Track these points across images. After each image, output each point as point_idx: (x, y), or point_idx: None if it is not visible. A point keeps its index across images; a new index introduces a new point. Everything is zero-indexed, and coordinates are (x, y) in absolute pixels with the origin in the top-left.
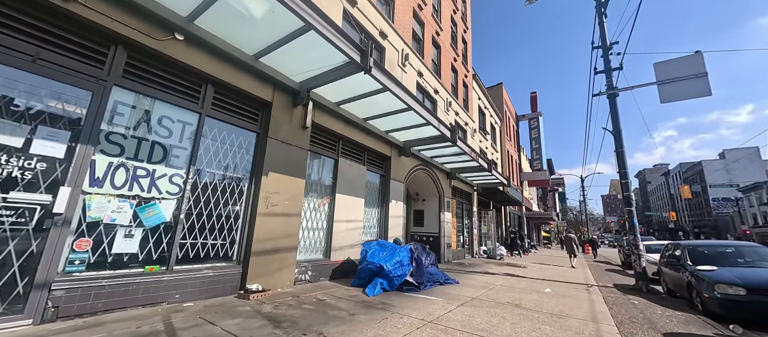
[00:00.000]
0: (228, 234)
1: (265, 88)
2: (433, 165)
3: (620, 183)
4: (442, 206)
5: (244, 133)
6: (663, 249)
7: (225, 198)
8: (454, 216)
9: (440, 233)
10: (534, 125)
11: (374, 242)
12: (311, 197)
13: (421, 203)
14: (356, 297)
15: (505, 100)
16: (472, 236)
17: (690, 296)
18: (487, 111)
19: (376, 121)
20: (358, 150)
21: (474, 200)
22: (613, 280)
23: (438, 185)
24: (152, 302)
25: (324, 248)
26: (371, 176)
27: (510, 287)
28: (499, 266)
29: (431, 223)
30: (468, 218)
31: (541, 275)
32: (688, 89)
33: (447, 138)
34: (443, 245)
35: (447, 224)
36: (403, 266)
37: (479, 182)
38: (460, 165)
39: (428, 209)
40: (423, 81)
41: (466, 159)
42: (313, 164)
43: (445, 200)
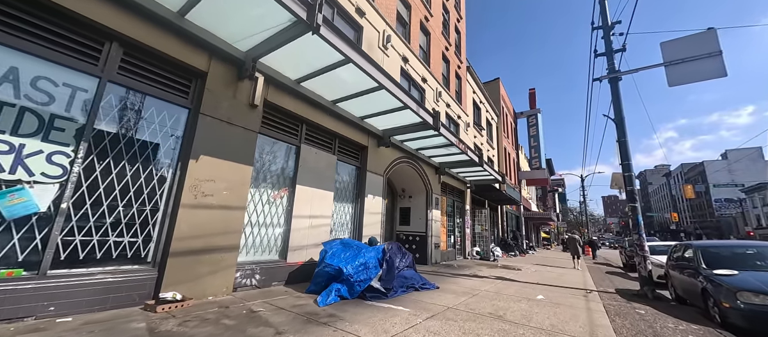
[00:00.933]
0: (141, 230)
1: (198, 55)
2: (418, 158)
3: (623, 176)
4: (430, 203)
5: (170, 108)
6: (670, 250)
7: (137, 185)
8: (444, 214)
9: (427, 233)
10: (532, 122)
11: (337, 241)
12: (263, 187)
13: (407, 199)
14: (302, 307)
15: (503, 96)
16: (464, 236)
17: (705, 304)
18: (483, 106)
19: (347, 105)
20: (326, 137)
21: (467, 198)
22: (615, 284)
23: (425, 180)
24: (8, 317)
25: (280, 248)
26: (344, 167)
27: (497, 292)
28: (491, 269)
29: (418, 221)
30: (460, 216)
31: (535, 278)
32: (700, 70)
33: (429, 125)
34: (430, 245)
35: (435, 222)
36: (368, 270)
37: (472, 178)
38: (449, 159)
39: (415, 206)
40: (408, 67)
41: (455, 152)
42: (265, 150)
43: (434, 196)
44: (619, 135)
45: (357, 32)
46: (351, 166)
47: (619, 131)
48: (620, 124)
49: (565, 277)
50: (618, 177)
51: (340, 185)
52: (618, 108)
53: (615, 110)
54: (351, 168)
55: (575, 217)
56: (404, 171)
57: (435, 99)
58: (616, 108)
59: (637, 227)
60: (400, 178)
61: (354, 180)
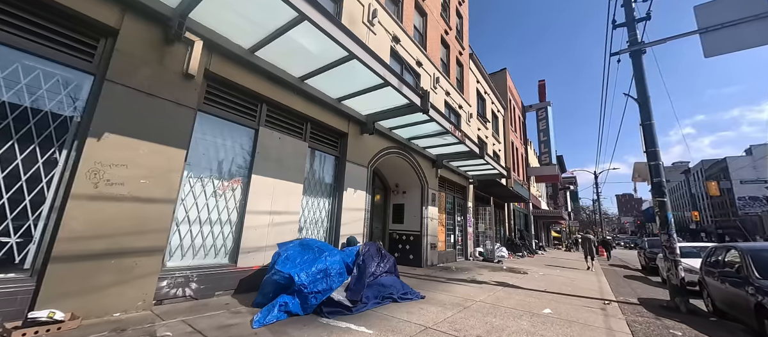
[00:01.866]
0: (15, 228)
1: (104, 7)
2: (411, 149)
3: (648, 166)
4: (426, 199)
5: (67, 73)
6: (706, 254)
7: (12, 168)
8: (442, 212)
9: (422, 232)
10: (542, 116)
11: (295, 242)
12: (207, 176)
13: (401, 195)
14: (229, 329)
15: (510, 87)
16: (465, 236)
17: (759, 323)
18: (488, 97)
19: (318, 82)
20: (295, 121)
21: (469, 194)
22: (636, 291)
23: (420, 174)
24: None
25: (230, 250)
26: (318, 156)
27: (494, 304)
28: (494, 272)
29: (412, 219)
30: (461, 214)
31: (542, 284)
32: (744, 36)
33: (416, 107)
34: (425, 245)
35: (431, 220)
36: (329, 278)
37: (474, 173)
38: (447, 150)
39: (409, 203)
40: (400, 48)
41: (452, 142)
42: (209, 132)
43: (430, 192)
44: (643, 117)
45: (336, 4)
46: (328, 155)
47: (644, 113)
48: (644, 105)
49: (577, 282)
50: (641, 167)
51: (314, 177)
52: (641, 86)
53: (638, 89)
54: (327, 158)
55: (588, 216)
56: (396, 164)
57: (432, 85)
58: (640, 86)
59: (666, 225)
60: (392, 171)
61: (332, 172)
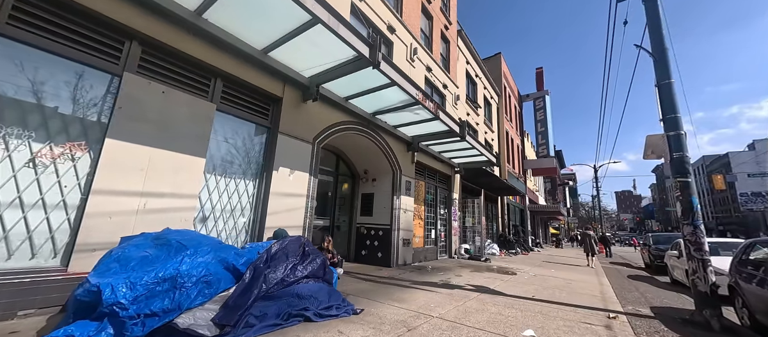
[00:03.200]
0: None
1: None
2: (379, 128)
3: (666, 137)
4: (397, 187)
5: None
6: (740, 251)
7: None
8: (420, 203)
9: (392, 226)
10: (539, 106)
11: (147, 235)
12: (12, 136)
13: (370, 184)
14: None
15: (505, 73)
16: (449, 231)
17: None
18: (480, 81)
19: (219, 13)
20: (193, 73)
21: (455, 184)
22: (646, 297)
23: (391, 158)
24: None
25: (62, 247)
26: (234, 123)
27: (455, 322)
28: (476, 273)
29: (381, 211)
30: (445, 207)
31: (532, 288)
32: None
33: (363, 58)
34: (396, 241)
35: (405, 213)
36: (179, 291)
37: (461, 160)
38: (422, 129)
39: (379, 192)
40: (364, 6)
41: (426, 117)
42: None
43: (403, 180)
44: (659, 76)
45: None
46: (249, 123)
47: (660, 70)
48: (661, 60)
49: (575, 285)
50: (655, 141)
51: (227, 150)
52: (657, 36)
53: (652, 40)
54: (249, 126)
55: (587, 212)
56: (360, 144)
57: (409, 56)
58: (655, 36)
59: (691, 213)
60: (357, 154)
61: (257, 145)
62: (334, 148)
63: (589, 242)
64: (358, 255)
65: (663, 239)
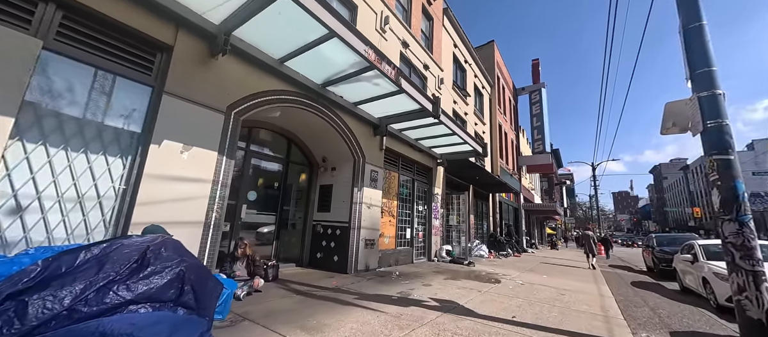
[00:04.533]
0: None
1: None
2: (335, 105)
3: (697, 101)
4: (359, 177)
5: None
6: None
7: None
8: (392, 198)
9: (351, 223)
10: (535, 99)
11: None
12: None
13: (329, 173)
14: None
15: (498, 62)
16: (429, 230)
17: None
18: (470, 68)
19: None
20: None
21: (437, 178)
22: (659, 314)
23: (351, 142)
24: None
25: None
26: (84, 72)
27: None
28: (450, 281)
29: (340, 206)
30: (425, 203)
31: (516, 302)
32: None
33: None
34: (354, 243)
35: (369, 208)
36: None
37: (443, 150)
38: (389, 108)
39: (339, 183)
40: None
41: (388, 90)
42: None
43: (368, 169)
44: (685, 16)
45: None
46: (115, 76)
47: (687, 8)
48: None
49: (569, 298)
50: (678, 108)
51: (71, 109)
52: None
53: None
54: (116, 80)
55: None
56: (314, 126)
57: (379, 25)
58: None
59: (735, 205)
60: (312, 137)
61: (131, 108)
62: (283, 130)
63: (589, 242)
64: (313, 258)
65: (667, 240)
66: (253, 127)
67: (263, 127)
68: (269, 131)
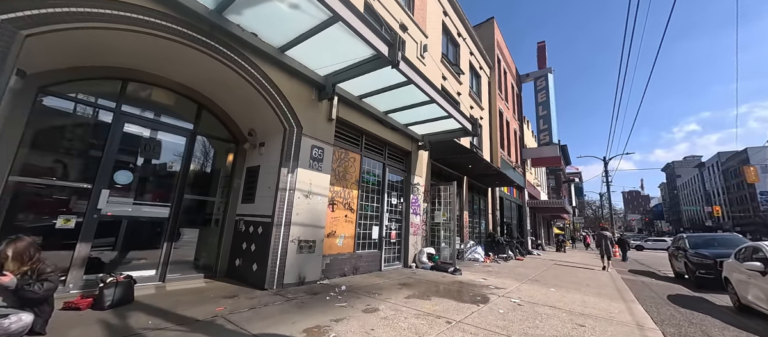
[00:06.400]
0: None
1: None
2: (249, 49)
3: None
4: (291, 155)
5: None
6: None
7: None
8: (351, 186)
9: (275, 219)
10: (541, 86)
11: None
12: None
13: (258, 151)
14: None
15: (498, 42)
16: (406, 229)
17: None
18: (465, 44)
19: None
20: None
21: (418, 164)
22: None
23: (278, 105)
24: None
25: None
26: None
27: None
28: (417, 300)
29: (266, 195)
30: (401, 195)
31: None
32: None
33: None
34: (281, 246)
35: (307, 198)
36: None
37: (424, 128)
38: (331, 56)
39: (267, 164)
40: None
41: (321, 18)
42: None
43: (306, 144)
44: None
45: None
46: None
47: None
48: None
49: (591, 331)
50: None
51: None
52: None
53: None
54: None
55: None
56: (224, 80)
57: None
58: None
59: None
60: (232, 101)
61: None
62: (189, 90)
63: (605, 243)
64: (232, 266)
65: (702, 241)
66: (130, 80)
67: (153, 83)
68: (166, 91)
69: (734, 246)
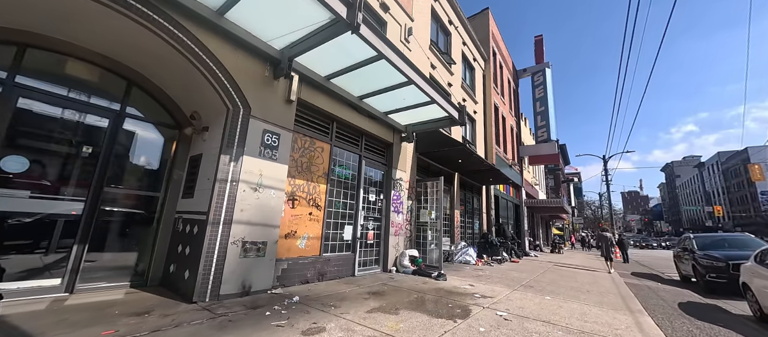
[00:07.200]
0: None
1: None
2: (176, 9)
3: None
4: (235, 139)
5: None
6: None
7: None
8: (319, 180)
9: (211, 216)
10: (539, 81)
11: None
12: None
13: (201, 137)
14: None
15: (494, 34)
16: (386, 229)
17: None
18: (457, 33)
19: None
20: None
21: (401, 157)
22: None
23: (219, 80)
24: None
25: None
26: None
27: None
28: (380, 314)
29: (205, 188)
30: (381, 191)
31: None
32: None
33: None
34: (217, 248)
35: (257, 191)
36: None
37: (408, 118)
38: (282, 25)
39: (209, 152)
40: None
41: None
42: None
43: (253, 128)
44: None
45: None
46: None
47: None
48: None
49: None
50: None
51: None
52: None
53: None
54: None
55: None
56: (152, 49)
57: None
58: None
59: None
60: (169, 77)
61: None
62: (114, 63)
63: (606, 245)
64: (166, 273)
65: (711, 241)
66: (28, 45)
67: (63, 52)
68: (84, 63)
69: (746, 247)
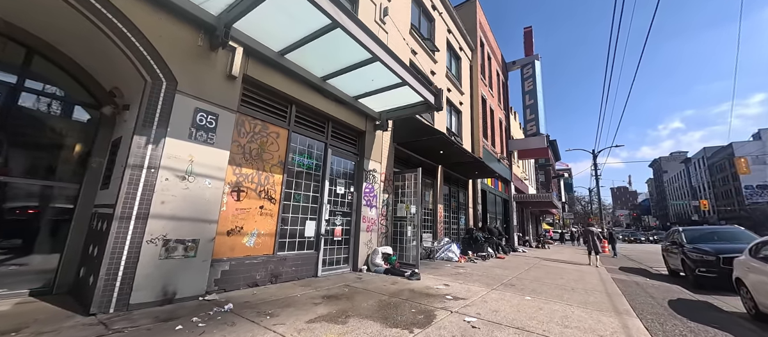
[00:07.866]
0: None
1: None
2: None
3: None
4: (154, 118)
5: None
6: None
7: None
8: (274, 170)
9: (119, 210)
10: (528, 73)
11: None
12: None
13: (123, 117)
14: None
15: (481, 23)
16: (357, 225)
17: None
18: (441, 18)
19: None
20: None
21: (376, 148)
22: None
23: (135, 48)
24: None
25: None
26: None
27: None
28: (326, 324)
29: (118, 178)
30: (352, 184)
31: None
32: None
33: None
34: (127, 247)
35: (185, 181)
36: None
37: (381, 104)
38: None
39: (127, 134)
40: None
41: None
42: None
43: (181, 104)
44: None
45: None
46: None
47: None
48: None
49: None
50: None
51: None
52: None
53: None
54: None
55: (583, 207)
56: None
57: None
58: None
59: None
60: (69, 40)
61: None
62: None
63: (592, 239)
64: (76, 278)
65: (700, 235)
66: None
67: None
68: None
69: (737, 240)
